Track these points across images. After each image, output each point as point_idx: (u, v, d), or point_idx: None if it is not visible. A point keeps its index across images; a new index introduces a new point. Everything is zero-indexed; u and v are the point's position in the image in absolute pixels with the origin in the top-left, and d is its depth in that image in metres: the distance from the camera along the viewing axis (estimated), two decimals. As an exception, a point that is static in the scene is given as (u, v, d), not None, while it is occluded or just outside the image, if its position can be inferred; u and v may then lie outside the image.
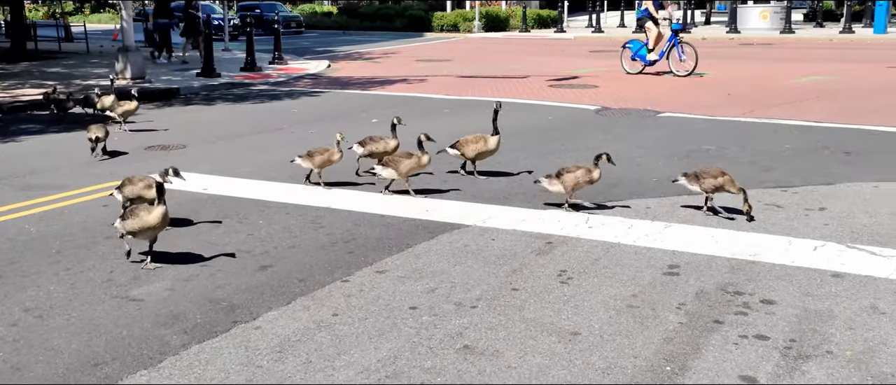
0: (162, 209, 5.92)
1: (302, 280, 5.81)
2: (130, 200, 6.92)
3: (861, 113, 13.17)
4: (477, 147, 8.68)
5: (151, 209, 5.96)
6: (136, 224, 5.91)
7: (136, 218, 5.93)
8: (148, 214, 5.92)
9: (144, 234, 5.98)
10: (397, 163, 7.85)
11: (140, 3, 37.27)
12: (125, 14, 19.39)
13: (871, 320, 4.95)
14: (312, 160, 8.22)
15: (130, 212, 6.02)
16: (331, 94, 17.49)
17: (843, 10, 36.58)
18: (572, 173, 7.19)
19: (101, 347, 4.75)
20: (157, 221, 5.93)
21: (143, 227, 5.92)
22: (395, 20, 45.50)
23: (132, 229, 5.93)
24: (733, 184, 7.07)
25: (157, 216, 5.92)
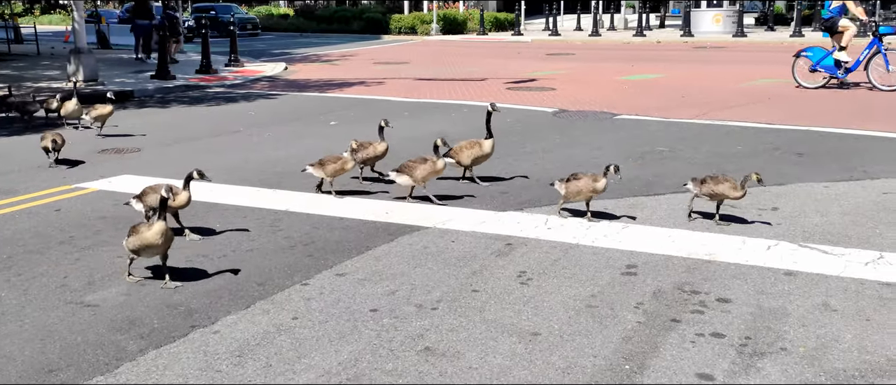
0: (161, 225, 5.51)
1: (261, 284, 5.76)
2: (153, 210, 6.53)
3: (811, 115, 13.47)
4: (472, 152, 8.51)
5: (151, 225, 5.60)
6: (135, 242, 5.57)
7: (134, 235, 5.59)
8: (147, 230, 5.55)
9: (147, 252, 5.62)
10: (412, 169, 7.66)
11: (92, 4, 36.62)
12: (77, 15, 19.03)
13: (823, 317, 5.06)
14: (324, 169, 7.92)
15: (134, 229, 5.67)
16: (288, 97, 17.38)
17: (794, 15, 37.36)
18: (577, 181, 7.03)
19: (55, 354, 4.66)
20: (155, 238, 5.51)
21: (141, 244, 5.55)
22: (353, 22, 45.38)
23: (133, 248, 5.59)
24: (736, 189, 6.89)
25: (156, 233, 5.51)
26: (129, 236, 5.67)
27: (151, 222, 5.67)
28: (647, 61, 25.06)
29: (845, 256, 6.18)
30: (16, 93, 14.57)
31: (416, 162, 7.73)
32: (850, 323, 4.97)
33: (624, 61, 25.18)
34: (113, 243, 6.71)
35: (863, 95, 16.11)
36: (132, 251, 5.64)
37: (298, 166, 9.72)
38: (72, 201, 8.16)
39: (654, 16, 48.89)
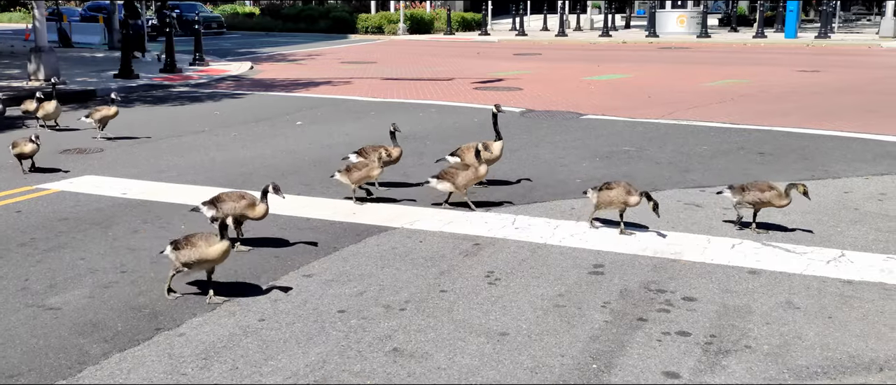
0: (224, 244, 5.22)
1: (227, 285, 5.70)
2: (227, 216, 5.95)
3: (773, 115, 13.66)
4: (483, 154, 8.12)
5: (211, 241, 5.24)
6: (194, 255, 5.23)
7: (193, 248, 5.24)
8: (208, 247, 5.22)
9: (199, 267, 5.34)
10: (454, 175, 7.43)
11: (53, 2, 36.05)
12: (38, 13, 18.71)
13: (786, 315, 5.13)
14: (350, 176, 7.67)
15: (187, 241, 5.30)
16: (254, 97, 17.24)
17: (756, 16, 37.88)
18: (609, 191, 6.73)
19: (16, 358, 4.57)
20: (216, 255, 5.24)
21: (201, 258, 5.23)
22: (319, 21, 45.16)
23: (187, 261, 5.27)
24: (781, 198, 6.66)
25: (219, 252, 5.23)
26: (180, 248, 5.30)
27: (209, 237, 5.27)
28: (613, 62, 25.25)
29: (808, 255, 6.28)
30: None
31: (457, 168, 7.51)
32: (813, 320, 5.04)
33: (590, 61, 25.35)
34: (75, 245, 6.61)
35: (826, 96, 16.38)
36: (183, 264, 5.28)
37: (264, 166, 9.67)
38: (33, 202, 8.02)
39: (620, 17, 49.31)
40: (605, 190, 6.77)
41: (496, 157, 8.27)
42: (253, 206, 6.21)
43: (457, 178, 7.42)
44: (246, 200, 6.25)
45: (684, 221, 7.25)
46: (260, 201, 6.20)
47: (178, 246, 5.32)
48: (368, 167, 7.68)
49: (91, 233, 6.97)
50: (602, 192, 6.79)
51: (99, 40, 33.15)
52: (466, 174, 7.44)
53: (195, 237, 5.32)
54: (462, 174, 7.43)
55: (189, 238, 5.33)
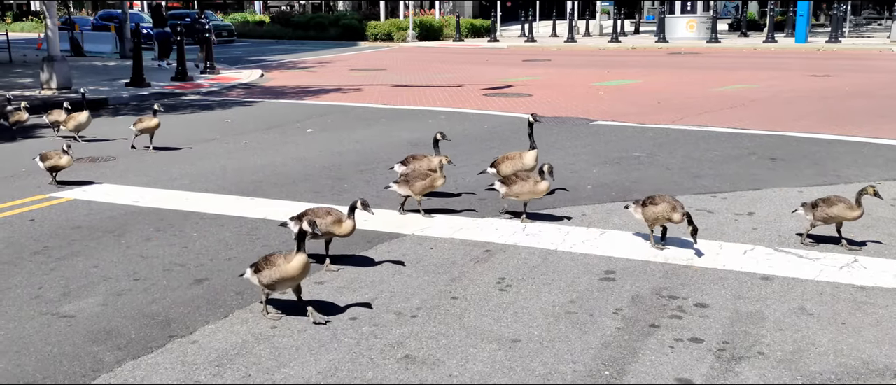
0: (302, 258, 5.03)
1: (239, 292, 5.72)
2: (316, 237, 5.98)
3: (784, 120, 13.62)
4: (514, 165, 8.13)
5: (289, 257, 5.07)
6: (275, 274, 5.06)
7: (273, 267, 5.07)
8: (286, 263, 5.04)
9: (283, 286, 5.15)
10: (512, 183, 7.24)
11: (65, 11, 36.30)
12: (50, 23, 18.84)
13: (799, 321, 5.11)
14: (412, 186, 7.44)
15: (266, 261, 5.15)
16: (265, 104, 17.31)
17: (766, 21, 37.79)
18: (655, 207, 6.45)
19: (31, 366, 4.60)
20: (296, 272, 5.05)
21: (282, 277, 5.06)
22: (329, 29, 45.30)
23: (269, 281, 5.10)
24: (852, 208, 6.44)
25: (297, 267, 5.03)
26: (260, 270, 5.14)
27: (288, 254, 5.12)
28: (623, 67, 25.24)
29: (820, 260, 6.25)
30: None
31: (520, 177, 7.28)
32: (826, 327, 5.02)
33: (599, 67, 25.34)
34: (88, 253, 6.64)
35: (837, 101, 16.32)
36: (266, 286, 5.14)
37: (275, 174, 9.70)
38: (46, 211, 8.07)
39: (629, 22, 49.27)
40: (650, 206, 6.47)
41: (530, 166, 8.12)
42: (339, 223, 5.96)
43: (513, 186, 7.22)
44: (332, 217, 6.00)
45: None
46: (347, 217, 5.95)
47: (259, 267, 5.16)
48: (432, 177, 7.45)
49: (104, 241, 7.00)
50: (647, 207, 6.49)
51: (110, 49, 33.36)
52: (526, 185, 7.15)
53: (274, 256, 5.16)
54: (519, 185, 7.20)
55: (268, 258, 5.17)
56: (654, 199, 6.49)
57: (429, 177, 7.45)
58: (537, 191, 7.14)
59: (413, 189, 7.43)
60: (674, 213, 6.33)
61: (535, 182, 7.11)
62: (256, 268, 5.20)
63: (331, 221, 5.96)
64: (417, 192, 7.44)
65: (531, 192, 7.17)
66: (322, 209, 6.11)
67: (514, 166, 8.10)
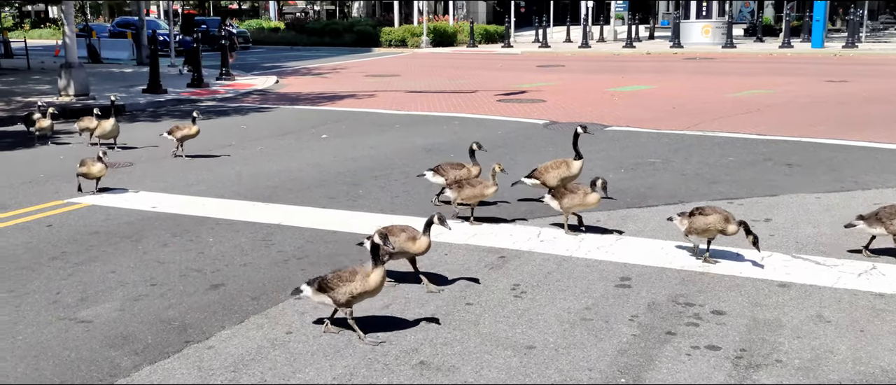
0: (381, 273, 4.89)
1: (255, 298, 5.74)
2: (389, 255, 5.69)
3: (801, 125, 13.54)
4: (559, 173, 7.93)
5: (366, 272, 4.90)
6: (356, 289, 4.88)
7: (351, 284, 4.88)
8: (366, 279, 4.86)
9: (360, 300, 4.96)
10: (562, 195, 7.03)
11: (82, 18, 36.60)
12: (68, 30, 19.00)
13: (817, 329, 5.08)
14: (461, 193, 7.29)
15: (338, 278, 4.93)
16: (280, 110, 17.37)
17: (782, 26, 37.61)
18: (704, 217, 6.17)
19: (48, 371, 4.63)
20: (376, 286, 4.90)
21: (364, 292, 4.89)
22: (344, 36, 45.46)
23: (347, 298, 4.90)
24: None
25: (376, 283, 4.88)
26: (332, 287, 4.93)
27: (365, 268, 4.95)
28: (637, 73, 25.18)
29: (838, 267, 6.20)
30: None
31: (569, 189, 7.05)
32: (845, 334, 4.98)
33: (614, 73, 25.29)
34: (106, 259, 6.69)
35: (854, 107, 16.21)
36: (343, 304, 4.94)
37: (290, 179, 9.73)
38: (64, 216, 8.13)
39: (644, 27, 49.16)
40: (699, 216, 6.17)
41: (574, 175, 7.95)
42: (414, 240, 5.70)
43: (563, 199, 7.01)
44: (407, 234, 5.74)
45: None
46: (422, 234, 5.71)
47: (329, 285, 4.93)
48: (482, 185, 7.27)
49: (121, 246, 7.05)
50: (695, 217, 6.19)
51: (127, 56, 33.61)
52: (574, 197, 6.94)
53: (346, 272, 4.94)
54: (568, 196, 6.98)
55: (340, 274, 4.94)
56: (704, 211, 6.20)
57: (479, 185, 7.28)
58: (587, 202, 6.93)
59: (461, 195, 7.29)
60: (727, 224, 6.05)
61: (584, 193, 6.90)
62: (323, 286, 4.95)
63: (405, 239, 5.71)
64: (465, 198, 7.28)
65: (581, 204, 6.97)
66: (397, 226, 5.85)
67: (560, 175, 7.93)
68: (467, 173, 7.90)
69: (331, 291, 4.92)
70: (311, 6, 66.75)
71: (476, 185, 7.28)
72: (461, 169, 7.98)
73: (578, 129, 8.22)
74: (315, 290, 5.02)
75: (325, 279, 5.00)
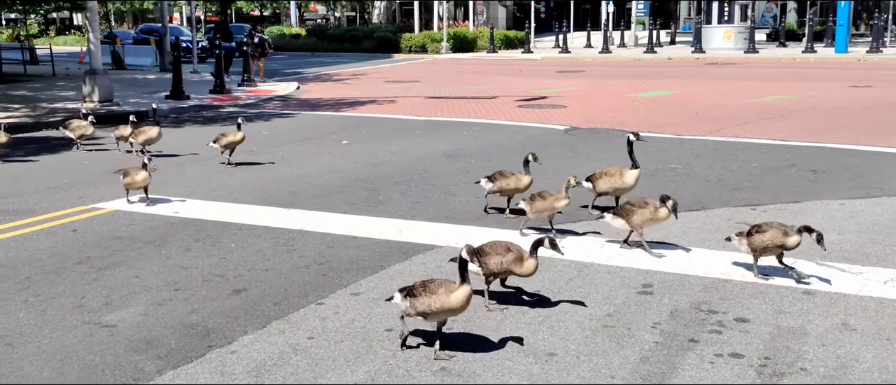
0: (466, 290, 4.65)
1: (276, 303, 5.77)
2: (494, 274, 5.52)
3: (825, 131, 13.42)
4: (612, 182, 7.78)
5: (452, 287, 4.68)
6: (434, 304, 4.66)
7: (432, 296, 4.67)
8: (448, 295, 4.65)
9: (439, 317, 4.77)
10: (630, 213, 6.63)
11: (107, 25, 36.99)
12: (92, 37, 19.22)
13: (842, 337, 5.02)
14: (532, 205, 7.06)
15: (424, 287, 4.75)
16: (301, 116, 17.46)
17: (805, 31, 37.32)
18: (762, 234, 5.91)
19: (73, 375, 4.67)
20: (459, 304, 4.67)
21: (441, 308, 4.67)
22: (364, 42, 45.61)
23: (424, 310, 4.70)
24: None
25: (461, 299, 4.65)
26: (413, 296, 4.77)
27: (448, 283, 4.73)
28: (659, 78, 25.07)
29: (864, 275, 6.14)
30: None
31: (635, 204, 6.66)
32: (870, 342, 4.93)
33: (635, 78, 25.20)
34: (130, 263, 6.74)
35: (879, 112, 16.05)
36: (419, 314, 4.75)
37: (311, 185, 9.77)
38: (88, 221, 8.21)
39: (665, 32, 48.97)
40: (757, 234, 5.91)
41: (630, 186, 7.77)
42: (520, 261, 5.41)
43: (632, 216, 6.59)
44: (513, 254, 5.44)
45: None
46: (529, 255, 5.41)
47: (414, 292, 4.77)
48: (553, 198, 6.97)
49: (145, 251, 7.10)
50: (752, 236, 5.93)
51: (151, 62, 33.92)
52: (643, 213, 6.57)
53: (433, 284, 4.75)
54: (638, 213, 6.58)
55: (427, 285, 4.76)
56: (761, 227, 5.94)
57: (551, 197, 6.99)
58: (658, 217, 6.56)
59: (533, 208, 7.03)
60: (787, 238, 5.79)
61: (654, 209, 6.51)
62: (410, 293, 4.81)
63: (512, 259, 5.42)
64: (537, 211, 7.03)
65: (652, 220, 6.60)
66: (501, 244, 5.56)
67: (613, 183, 7.76)
68: (516, 182, 7.78)
69: (412, 299, 4.77)
70: (332, 13, 67.06)
71: (547, 197, 7.00)
72: (511, 177, 7.84)
73: (631, 136, 7.93)
74: (403, 298, 4.84)
75: (413, 287, 4.84)
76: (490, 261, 5.45)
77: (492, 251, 5.48)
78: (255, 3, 58.49)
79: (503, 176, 7.92)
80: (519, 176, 7.86)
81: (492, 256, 5.46)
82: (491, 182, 7.95)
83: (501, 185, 7.89)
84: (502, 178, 7.90)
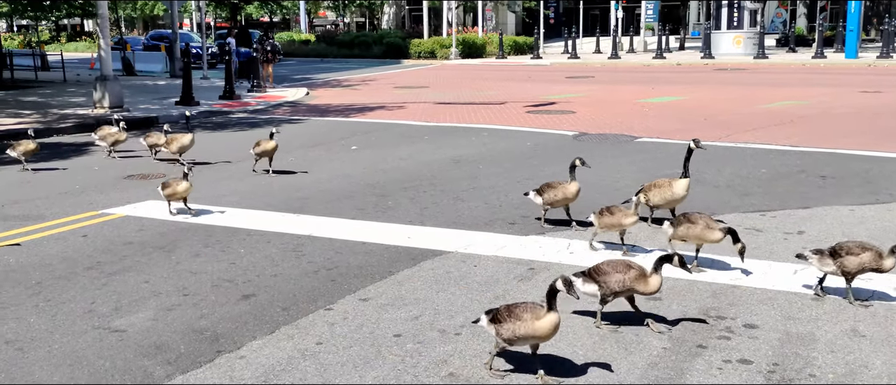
0: (554, 318, 4.48)
1: (285, 309, 5.79)
2: (614, 294, 5.26)
3: (835, 137, 13.38)
4: (663, 193, 7.57)
5: (539, 313, 4.52)
6: (519, 330, 4.50)
7: (517, 323, 4.51)
8: (535, 321, 4.49)
9: (525, 343, 4.59)
10: (679, 225, 6.40)
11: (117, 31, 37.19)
12: (103, 43, 19.31)
13: (852, 343, 5.01)
14: (600, 219, 6.81)
15: (509, 312, 4.58)
16: (310, 122, 17.50)
17: (815, 36, 37.22)
18: (857, 257, 5.57)
19: (83, 379, 4.70)
20: (545, 332, 4.51)
21: (527, 334, 4.51)
22: (373, 47, 45.69)
23: (509, 337, 4.56)
24: None
25: (548, 326, 4.49)
26: (498, 322, 4.59)
27: (535, 308, 4.55)
28: (668, 84, 25.04)
29: (873, 281, 6.11)
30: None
31: (694, 217, 6.38)
32: (880, 349, 4.91)
33: (644, 84, 25.17)
34: (139, 268, 6.78)
35: (889, 118, 15.99)
36: (506, 340, 4.59)
37: (320, 191, 9.80)
38: (98, 227, 8.25)
39: (674, 38, 48.91)
40: (849, 256, 5.57)
41: (681, 196, 7.52)
42: (643, 279, 5.17)
43: (692, 229, 6.32)
44: (635, 271, 5.22)
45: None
46: (653, 272, 5.18)
47: (499, 318, 4.61)
48: (621, 214, 6.72)
49: (154, 256, 7.14)
50: (844, 258, 5.59)
51: (161, 68, 34.06)
52: (696, 228, 6.28)
53: (519, 309, 4.58)
54: (694, 227, 6.30)
55: (512, 309, 4.60)
56: (850, 249, 5.58)
57: (619, 213, 6.72)
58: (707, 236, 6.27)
59: (600, 222, 6.83)
60: (882, 260, 5.49)
61: (705, 226, 6.27)
62: (495, 317, 4.64)
63: (634, 276, 5.18)
64: (604, 226, 6.82)
65: (698, 237, 6.32)
66: (621, 262, 5.34)
67: (663, 195, 7.57)
68: (563, 192, 7.59)
69: (497, 324, 4.60)
70: (342, 19, 67.24)
71: (615, 213, 6.74)
72: (558, 187, 7.66)
73: (691, 144, 7.68)
74: (488, 321, 4.68)
75: (498, 310, 4.67)
76: (610, 279, 5.20)
77: (611, 269, 5.24)
78: (265, 10, 58.65)
79: (551, 187, 7.70)
80: (565, 185, 7.63)
81: (612, 275, 5.22)
82: (540, 195, 7.73)
83: (551, 198, 7.67)
84: (550, 189, 7.69)
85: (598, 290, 5.26)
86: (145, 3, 64.08)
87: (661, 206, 7.71)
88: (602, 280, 5.24)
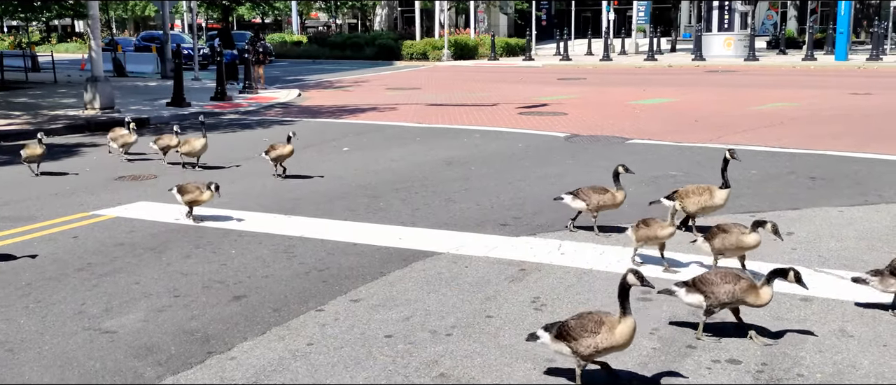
0: (631, 323, 4.29)
1: (276, 310, 5.79)
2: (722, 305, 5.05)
3: (824, 138, 13.45)
4: (700, 200, 7.29)
5: (613, 322, 4.31)
6: (601, 343, 4.28)
7: (595, 337, 4.29)
8: (611, 332, 4.27)
9: (601, 355, 4.39)
10: (714, 236, 6.18)
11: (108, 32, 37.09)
12: (94, 44, 19.27)
13: (840, 343, 5.04)
14: (637, 232, 6.55)
15: (581, 326, 4.34)
16: (302, 123, 17.49)
17: (805, 38, 37.39)
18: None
19: (74, 380, 4.69)
20: (625, 340, 4.30)
21: (609, 347, 4.30)
22: (365, 49, 45.70)
23: (591, 352, 4.31)
24: None
25: (626, 334, 4.29)
26: (572, 338, 4.35)
27: (612, 318, 4.36)
28: (659, 85, 25.11)
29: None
30: None
31: (723, 229, 6.17)
32: (867, 349, 4.95)
33: (635, 85, 25.24)
34: (130, 270, 6.77)
35: (878, 119, 16.08)
36: (585, 358, 4.35)
37: (312, 192, 9.80)
38: (89, 228, 8.24)
39: (665, 40, 49.06)
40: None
41: (717, 205, 7.31)
42: (754, 290, 4.94)
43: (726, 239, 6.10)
44: (745, 281, 4.97)
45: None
46: (765, 284, 4.96)
47: (570, 334, 4.35)
48: (658, 225, 6.43)
49: (145, 258, 7.13)
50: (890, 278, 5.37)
51: (152, 69, 34.00)
52: (730, 238, 6.07)
53: (589, 322, 4.34)
54: (719, 239, 6.14)
55: (583, 323, 4.35)
56: None
57: (655, 225, 6.44)
58: (742, 244, 6.03)
59: (638, 235, 6.55)
60: None
61: (740, 234, 6.03)
62: (563, 333, 4.39)
63: (744, 287, 4.95)
64: (640, 238, 6.55)
65: (736, 248, 6.08)
66: (731, 273, 5.07)
67: (700, 203, 7.31)
68: (611, 198, 7.39)
69: (572, 341, 4.34)
70: (334, 20, 67.22)
71: (651, 225, 6.49)
72: (604, 193, 7.43)
73: (727, 153, 7.42)
74: (553, 338, 4.44)
75: (566, 326, 4.42)
76: (718, 289, 4.98)
77: (720, 279, 5.02)
78: (257, 11, 58.60)
79: (596, 192, 7.46)
80: (613, 192, 7.41)
81: (720, 285, 4.99)
82: (576, 199, 7.50)
83: (598, 203, 7.42)
84: (593, 193, 7.45)
85: (703, 301, 5.06)
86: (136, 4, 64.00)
87: (696, 214, 7.49)
88: (709, 290, 5.03)
